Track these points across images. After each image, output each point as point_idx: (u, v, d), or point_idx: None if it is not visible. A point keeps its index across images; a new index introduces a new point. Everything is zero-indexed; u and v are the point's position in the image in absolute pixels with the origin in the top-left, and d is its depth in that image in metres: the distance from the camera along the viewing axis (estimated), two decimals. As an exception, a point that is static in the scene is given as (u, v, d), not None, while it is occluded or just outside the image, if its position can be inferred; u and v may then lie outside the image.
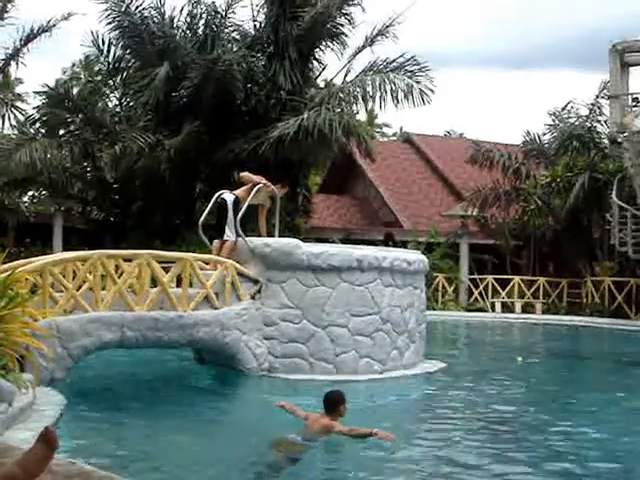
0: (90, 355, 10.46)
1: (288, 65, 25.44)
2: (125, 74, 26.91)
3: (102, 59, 27.08)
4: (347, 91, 25.85)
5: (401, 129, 51.99)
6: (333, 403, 8.13)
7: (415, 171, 37.52)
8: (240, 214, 12.68)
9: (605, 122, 29.90)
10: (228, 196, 12.98)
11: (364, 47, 26.76)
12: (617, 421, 9.71)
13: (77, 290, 10.20)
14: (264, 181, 13.21)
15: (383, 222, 34.12)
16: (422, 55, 31.92)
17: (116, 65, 26.79)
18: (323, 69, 27.96)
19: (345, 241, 24.30)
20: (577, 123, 30.78)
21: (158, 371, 12.51)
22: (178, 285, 11.50)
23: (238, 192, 13.08)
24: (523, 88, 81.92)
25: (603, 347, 20.36)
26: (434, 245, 29.08)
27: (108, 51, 26.51)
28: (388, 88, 24.76)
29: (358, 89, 25.48)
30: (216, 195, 13.23)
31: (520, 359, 15.18)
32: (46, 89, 25.60)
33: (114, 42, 26.21)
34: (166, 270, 11.31)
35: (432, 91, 24.56)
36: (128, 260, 10.89)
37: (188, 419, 8.90)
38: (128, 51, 26.49)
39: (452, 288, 28.74)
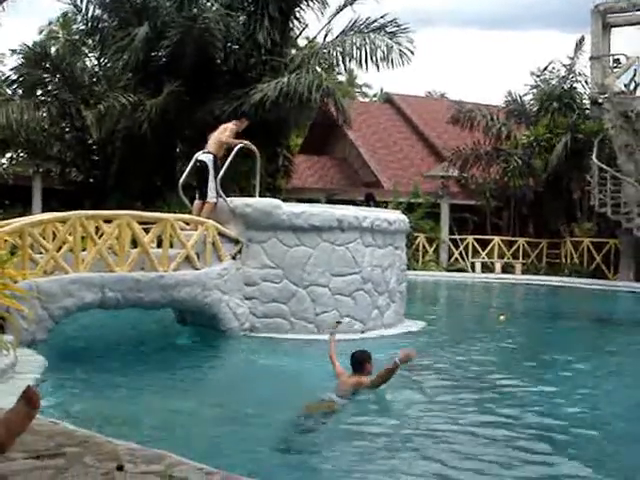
0: (71, 316, 10.46)
1: (268, 24, 25.15)
2: (104, 34, 26.54)
3: (80, 18, 26.69)
4: (327, 51, 25.67)
5: (382, 90, 51.74)
6: (359, 362, 8.26)
7: (396, 131, 37.40)
8: (220, 174, 12.65)
9: (585, 82, 29.94)
10: (206, 156, 12.92)
11: (345, 6, 26.50)
12: (593, 379, 9.85)
13: (57, 251, 10.17)
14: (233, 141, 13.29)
15: (364, 182, 34.07)
16: (403, 14, 31.79)
17: (94, 24, 26.39)
18: (304, 29, 27.71)
19: (327, 201, 24.31)
20: (557, 84, 30.79)
21: (139, 332, 12.51)
22: (159, 246, 11.47)
23: (211, 148, 13.04)
24: (505, 48, 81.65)
25: (581, 307, 20.56)
26: (415, 205, 29.11)
27: (86, 10, 26.12)
28: (368, 49, 24.63)
29: (338, 49, 25.31)
30: (195, 157, 13.16)
31: (502, 317, 15.31)
32: (23, 48, 25.23)
33: (92, 1, 25.81)
34: (146, 231, 11.27)
35: (412, 52, 24.49)
36: (108, 221, 10.86)
37: (170, 379, 8.92)
38: (107, 10, 26.10)
39: (433, 248, 28.86)
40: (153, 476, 4.11)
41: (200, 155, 13.02)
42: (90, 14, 26.15)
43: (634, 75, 24.93)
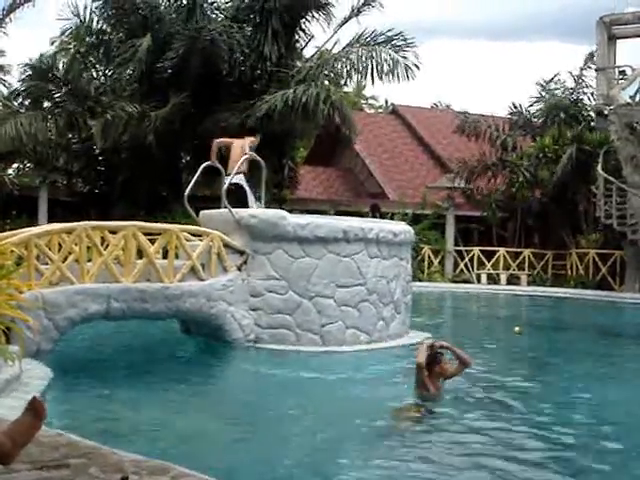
0: (76, 327, 10.47)
1: (273, 35, 25.23)
2: (109, 46, 26.65)
3: (83, 29, 26.79)
4: (333, 64, 25.71)
5: (387, 101, 51.84)
6: (434, 360, 8.60)
7: (401, 143, 37.43)
8: (226, 186, 12.70)
9: (591, 94, 29.95)
10: (237, 177, 13.29)
11: (350, 17, 26.56)
12: (600, 390, 9.83)
13: (63, 262, 10.20)
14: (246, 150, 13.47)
15: (369, 194, 34.08)
16: (408, 25, 31.88)
17: (99, 37, 26.53)
18: (309, 40, 27.78)
19: (335, 213, 24.32)
20: (563, 95, 30.82)
21: (144, 343, 12.53)
22: (164, 257, 11.48)
23: (235, 166, 13.27)
24: (509, 59, 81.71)
25: (587, 318, 20.48)
26: (421, 217, 29.11)
27: (91, 22, 26.23)
28: (374, 62, 24.68)
29: (344, 61, 25.37)
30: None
31: (518, 329, 15.29)
32: (30, 62, 25.39)
33: (97, 13, 25.92)
34: (152, 242, 11.29)
35: (417, 67, 24.52)
36: (114, 232, 10.88)
37: (175, 390, 8.92)
38: (112, 22, 26.22)
39: (438, 259, 28.84)
40: (158, 487, 4.11)
41: (233, 179, 13.19)
42: (95, 26, 26.30)
43: (639, 87, 24.91)
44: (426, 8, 79.13)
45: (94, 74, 27.68)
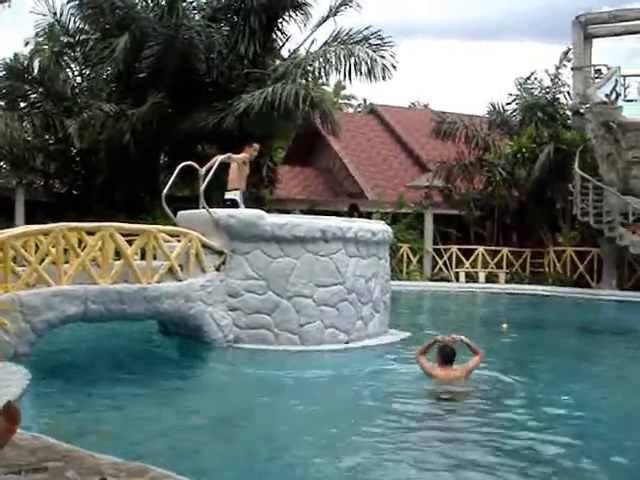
0: (54, 329, 10.41)
1: (250, 35, 25.22)
2: (86, 45, 26.53)
3: (59, 29, 26.66)
4: (310, 62, 25.72)
5: (365, 101, 51.89)
6: (454, 355, 9.20)
7: (380, 142, 37.50)
8: (203, 186, 12.68)
9: (568, 93, 30.14)
10: (233, 194, 13.81)
11: (328, 17, 26.57)
12: (578, 386, 9.90)
13: (40, 264, 10.12)
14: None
15: (348, 193, 34.12)
16: (385, 25, 31.65)
17: (76, 37, 26.41)
18: (286, 40, 27.78)
19: (309, 212, 24.33)
20: (540, 94, 30.99)
21: (123, 344, 12.47)
22: (143, 258, 11.44)
23: (235, 184, 13.52)
24: (486, 59, 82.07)
25: (565, 316, 20.63)
26: (399, 216, 29.18)
27: (67, 22, 26.12)
28: (352, 62, 24.73)
29: (321, 60, 25.39)
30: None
31: (505, 326, 15.39)
32: (5, 62, 25.21)
33: (74, 13, 25.80)
34: (130, 243, 11.25)
35: (394, 67, 24.59)
36: (91, 233, 10.82)
37: (153, 391, 8.90)
38: (89, 22, 26.11)
39: (416, 258, 28.90)
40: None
41: (227, 194, 13.43)
42: (72, 26, 26.18)
43: (615, 85, 25.11)
44: (403, 9, 79.33)
45: (70, 74, 27.53)
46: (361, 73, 24.63)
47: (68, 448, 4.89)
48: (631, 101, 24.20)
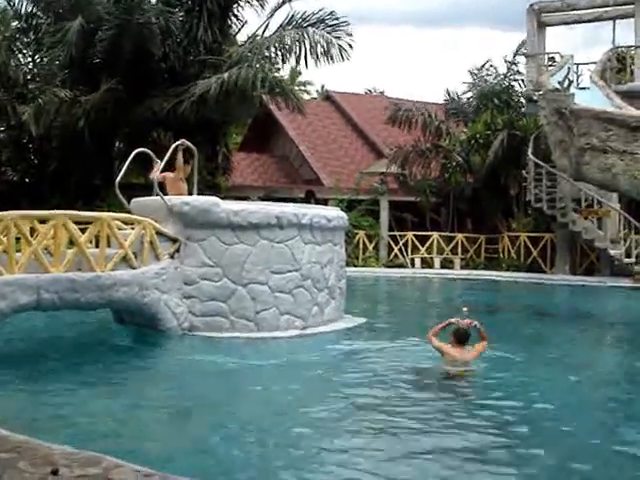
0: (6, 319, 10.28)
1: (207, 20, 25.06)
2: (39, 30, 26.13)
3: (11, 13, 26.24)
4: (266, 47, 25.63)
5: (322, 87, 51.85)
6: (468, 336, 9.67)
7: (336, 129, 37.54)
8: (157, 173, 12.63)
9: (522, 81, 30.43)
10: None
11: (284, 3, 26.53)
12: (528, 368, 10.05)
13: (-10, 252, 9.98)
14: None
15: (304, 180, 34.14)
16: (341, 12, 31.65)
17: (28, 21, 26.00)
18: (242, 26, 27.67)
19: (266, 199, 24.30)
20: (495, 82, 31.27)
21: (77, 333, 12.34)
22: (97, 246, 11.32)
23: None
24: (442, 46, 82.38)
25: (518, 300, 20.86)
26: (355, 202, 29.27)
27: (19, 7, 25.72)
28: (307, 43, 24.70)
29: (277, 44, 25.32)
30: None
31: (465, 309, 15.53)
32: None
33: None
34: (84, 231, 11.12)
35: (351, 47, 24.68)
36: (44, 221, 10.68)
37: (107, 380, 8.82)
38: (41, 6, 25.72)
39: (372, 245, 29.03)
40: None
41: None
42: (24, 10, 25.77)
43: (568, 73, 25.37)
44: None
45: (22, 60, 27.11)
46: (317, 56, 24.62)
47: (20, 439, 4.83)
48: (584, 89, 24.43)
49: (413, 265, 28.48)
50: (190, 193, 13.56)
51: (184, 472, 4.65)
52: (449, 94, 32.72)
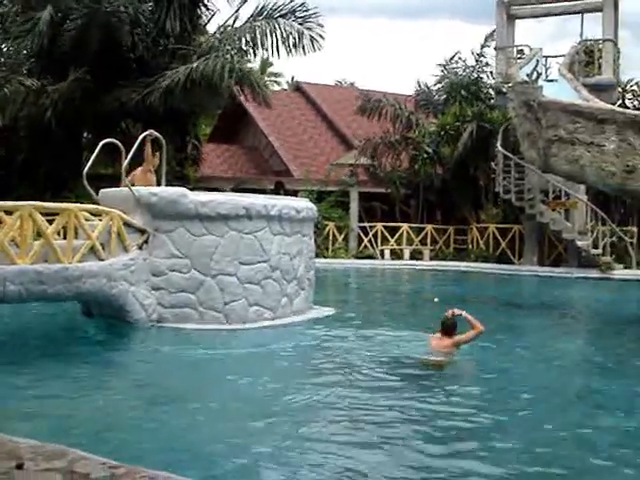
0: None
1: (176, 10, 24.87)
2: (5, 19, 25.81)
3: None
4: (237, 37, 25.53)
5: (292, 78, 51.72)
6: (454, 327, 9.76)
7: (305, 120, 37.48)
8: (125, 163, 12.53)
9: (491, 73, 30.58)
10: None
11: (255, -8, 26.45)
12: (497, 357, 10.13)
13: (-44, 243, 9.85)
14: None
15: (274, 171, 34.07)
16: (312, 3, 31.63)
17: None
18: (212, 15, 27.53)
19: (236, 190, 24.23)
20: (464, 74, 31.39)
21: (44, 326, 12.26)
22: (64, 237, 11.21)
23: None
24: (412, 38, 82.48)
25: (486, 291, 21.04)
26: (325, 194, 29.28)
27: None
28: (278, 34, 24.64)
29: (248, 35, 25.22)
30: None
31: (436, 300, 15.66)
32: None
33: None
34: (50, 222, 11.01)
35: (322, 37, 24.65)
36: (10, 212, 10.56)
37: (75, 373, 8.75)
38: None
39: (342, 236, 29.07)
40: (54, 473, 4.04)
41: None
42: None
43: (536, 65, 25.53)
44: (330, -15, 78.97)
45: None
46: (288, 47, 24.57)
47: (-17, 433, 4.79)
48: (552, 81, 24.59)
49: (383, 256, 28.56)
50: (159, 184, 13.48)
51: (153, 464, 4.62)
52: (419, 85, 32.82)
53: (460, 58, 32.00)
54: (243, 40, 25.49)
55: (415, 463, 5.81)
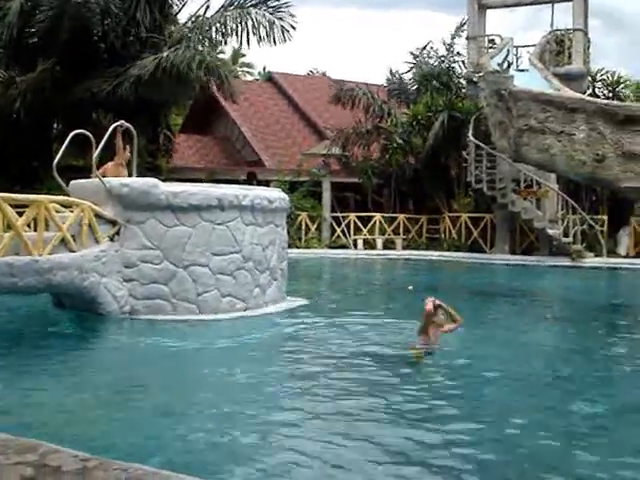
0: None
1: (147, 0, 24.70)
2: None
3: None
4: (207, 27, 25.42)
5: (264, 68, 51.57)
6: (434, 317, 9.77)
7: (278, 110, 37.41)
8: (96, 154, 12.45)
9: (462, 62, 30.67)
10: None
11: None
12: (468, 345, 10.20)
13: None
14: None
15: (246, 161, 33.99)
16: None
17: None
18: (183, 5, 27.37)
19: (208, 181, 24.16)
20: (436, 63, 31.47)
21: (14, 318, 12.17)
22: (35, 229, 11.14)
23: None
24: (383, 28, 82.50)
25: (458, 279, 21.15)
26: (297, 184, 29.27)
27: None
28: (249, 24, 24.56)
29: (219, 25, 25.11)
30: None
31: (411, 288, 15.76)
32: None
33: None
34: (21, 214, 10.93)
35: (294, 28, 24.59)
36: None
37: (46, 366, 8.69)
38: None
39: (315, 226, 29.08)
40: (26, 466, 4.02)
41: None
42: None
43: (507, 55, 25.66)
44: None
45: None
46: (260, 37, 24.51)
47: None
48: (523, 71, 24.73)
49: (356, 246, 28.62)
50: (130, 175, 13.42)
51: (126, 457, 4.60)
52: (391, 73, 32.86)
53: (432, 48, 32.10)
54: (213, 29, 25.38)
55: (392, 448, 5.85)
